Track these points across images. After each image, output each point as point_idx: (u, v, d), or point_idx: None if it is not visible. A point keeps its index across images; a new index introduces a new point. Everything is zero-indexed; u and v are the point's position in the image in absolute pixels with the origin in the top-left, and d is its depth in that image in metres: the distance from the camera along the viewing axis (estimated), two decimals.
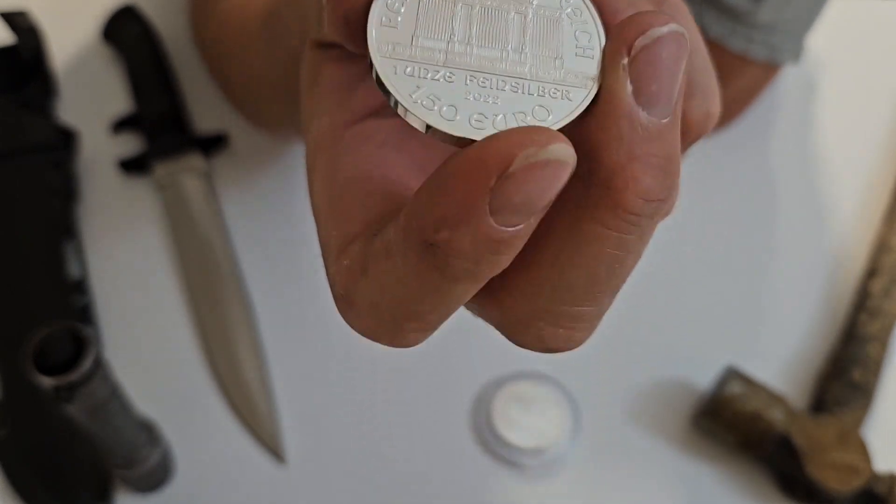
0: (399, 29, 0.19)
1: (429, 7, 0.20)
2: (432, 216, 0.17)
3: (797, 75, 0.55)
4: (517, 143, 0.16)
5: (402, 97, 0.19)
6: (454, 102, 0.19)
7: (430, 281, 0.18)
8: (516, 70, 0.19)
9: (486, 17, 0.20)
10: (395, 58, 0.19)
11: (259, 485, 0.43)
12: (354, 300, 0.20)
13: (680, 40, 0.18)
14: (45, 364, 0.33)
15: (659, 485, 0.44)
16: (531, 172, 0.16)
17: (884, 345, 0.46)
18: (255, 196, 0.50)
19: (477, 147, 0.17)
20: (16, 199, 0.47)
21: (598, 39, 0.19)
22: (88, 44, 0.54)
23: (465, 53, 0.19)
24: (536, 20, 0.20)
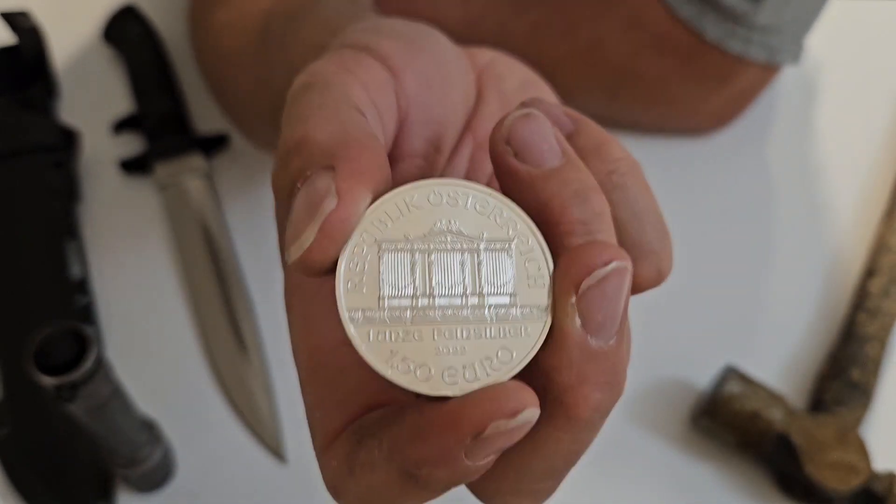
0: (365, 292, 0.21)
1: (389, 263, 0.21)
2: (413, 456, 0.20)
3: (796, 76, 0.55)
4: (488, 412, 0.19)
5: (379, 367, 0.20)
6: (426, 361, 0.20)
7: (412, 493, 0.21)
8: (477, 316, 0.21)
9: (442, 263, 0.21)
10: (366, 323, 0.21)
11: (260, 484, 0.43)
12: (344, 494, 0.22)
13: (622, 273, 0.20)
14: (46, 364, 0.33)
15: (658, 484, 0.44)
16: (501, 435, 0.19)
17: (883, 344, 0.46)
18: (255, 196, 0.50)
19: (452, 409, 0.19)
20: (17, 199, 0.47)
21: (546, 266, 0.21)
22: (89, 44, 0.54)
23: (429, 307, 0.21)
24: (487, 257, 0.21)
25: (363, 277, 0.21)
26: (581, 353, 0.20)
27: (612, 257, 0.20)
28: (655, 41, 0.47)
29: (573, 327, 0.20)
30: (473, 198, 0.22)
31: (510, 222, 0.22)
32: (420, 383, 0.20)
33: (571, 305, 0.20)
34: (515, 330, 0.21)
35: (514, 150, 0.22)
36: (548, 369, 0.20)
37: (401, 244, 0.21)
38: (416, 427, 0.20)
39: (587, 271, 0.20)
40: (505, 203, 0.22)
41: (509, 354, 0.20)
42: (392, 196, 0.21)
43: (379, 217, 0.21)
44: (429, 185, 0.22)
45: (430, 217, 0.22)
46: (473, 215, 0.22)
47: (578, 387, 0.20)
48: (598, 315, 0.20)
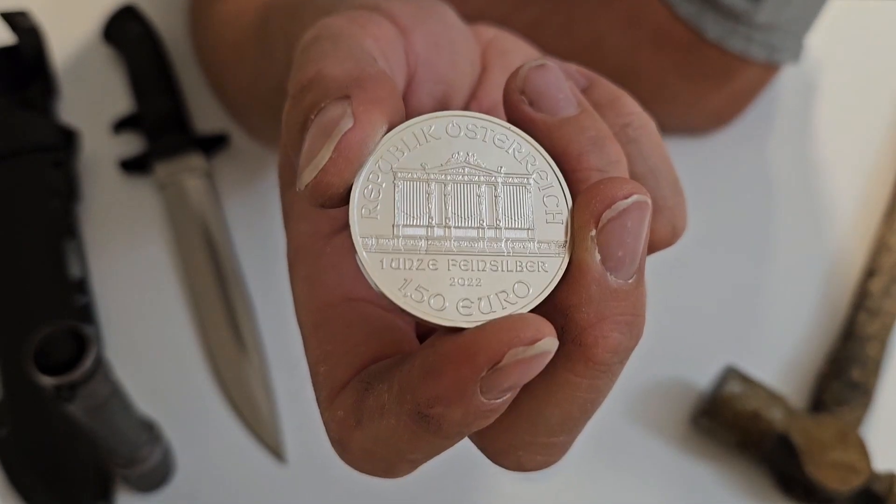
0: (379, 219, 0.20)
1: (404, 192, 0.21)
2: (426, 394, 0.19)
3: (796, 76, 0.55)
4: (506, 341, 0.18)
5: (391, 293, 0.20)
6: (440, 291, 0.20)
7: (423, 438, 0.20)
8: (494, 248, 0.20)
9: (458, 194, 0.21)
10: (380, 251, 0.20)
11: (259, 484, 0.43)
12: (349, 447, 0.21)
13: (643, 207, 0.20)
14: (46, 363, 0.33)
15: (658, 484, 0.44)
16: (519, 366, 0.18)
17: (883, 344, 0.46)
18: (255, 196, 0.50)
19: (468, 339, 0.18)
20: (17, 198, 0.47)
21: (565, 202, 0.21)
22: (89, 44, 0.54)
23: (444, 238, 0.20)
24: (506, 190, 0.21)
25: (378, 205, 0.20)
26: (600, 290, 0.19)
27: (632, 190, 0.19)
28: (654, 39, 0.47)
29: (593, 262, 0.19)
30: (493, 131, 0.21)
31: (529, 157, 0.21)
32: (434, 313, 0.20)
33: (591, 239, 0.19)
34: (533, 264, 0.20)
35: (528, 99, 0.22)
36: (566, 307, 0.20)
37: (417, 173, 0.21)
38: (428, 362, 0.19)
39: (608, 203, 0.19)
40: (524, 138, 0.21)
41: (526, 289, 0.20)
42: (409, 125, 0.21)
43: (396, 145, 0.21)
44: (447, 117, 0.22)
45: (448, 148, 0.21)
46: (492, 149, 0.21)
47: (598, 324, 0.19)
48: (619, 250, 0.19)
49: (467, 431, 0.20)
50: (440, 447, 0.20)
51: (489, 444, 0.22)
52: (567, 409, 0.21)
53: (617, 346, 0.20)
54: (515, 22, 0.49)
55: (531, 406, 0.20)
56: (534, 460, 0.22)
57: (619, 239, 0.19)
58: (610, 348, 0.20)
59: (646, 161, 0.23)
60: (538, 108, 0.22)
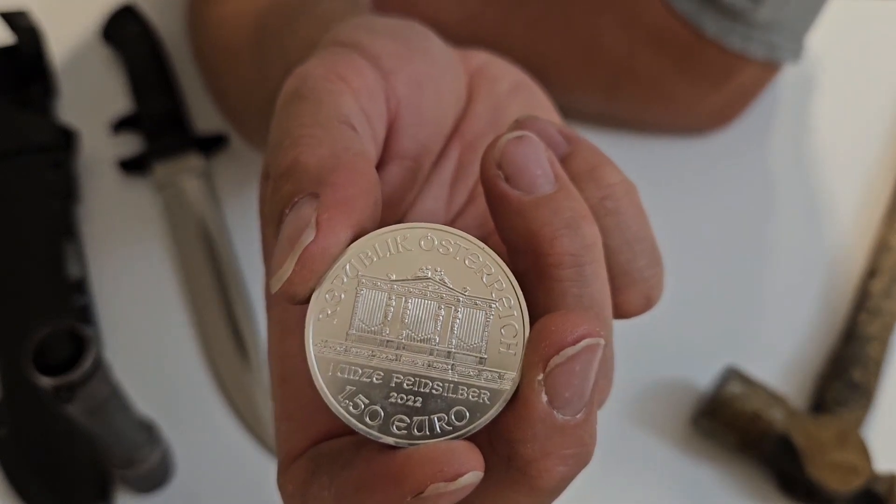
0: (335, 323, 0.21)
1: (364, 300, 0.21)
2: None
3: (796, 75, 0.55)
4: (429, 474, 0.19)
5: (330, 399, 0.20)
6: (379, 405, 0.20)
7: None
8: (441, 373, 0.21)
9: (418, 312, 0.21)
10: (328, 356, 0.21)
11: (259, 485, 0.43)
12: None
13: (593, 350, 0.20)
14: (45, 364, 0.33)
15: (659, 485, 0.44)
16: (441, 498, 0.19)
17: (884, 345, 0.46)
18: (254, 196, 0.49)
19: (396, 463, 0.19)
20: (16, 198, 0.47)
21: (522, 334, 0.21)
22: (88, 44, 0.54)
23: (395, 354, 0.21)
24: (465, 313, 0.21)
25: (337, 308, 0.21)
26: (546, 428, 0.19)
27: (583, 334, 0.19)
28: (653, 38, 0.47)
29: (539, 402, 0.19)
30: (466, 250, 0.21)
31: (497, 282, 0.21)
32: (366, 425, 0.20)
33: (538, 382, 0.19)
34: (476, 394, 0.20)
35: (505, 174, 0.21)
36: (511, 440, 0.20)
37: (381, 282, 0.21)
38: (361, 477, 0.20)
39: (556, 349, 0.19)
40: (495, 261, 0.21)
41: (465, 416, 0.20)
42: (384, 233, 0.21)
43: (367, 251, 0.21)
44: (424, 229, 0.22)
45: (417, 261, 0.21)
46: (462, 268, 0.21)
47: (542, 460, 0.20)
48: (566, 391, 0.19)
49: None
50: None
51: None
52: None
53: (562, 476, 0.20)
54: (513, 23, 0.49)
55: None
56: None
57: (567, 382, 0.19)
58: (555, 479, 0.20)
59: (623, 233, 0.23)
60: (514, 185, 0.21)
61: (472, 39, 0.30)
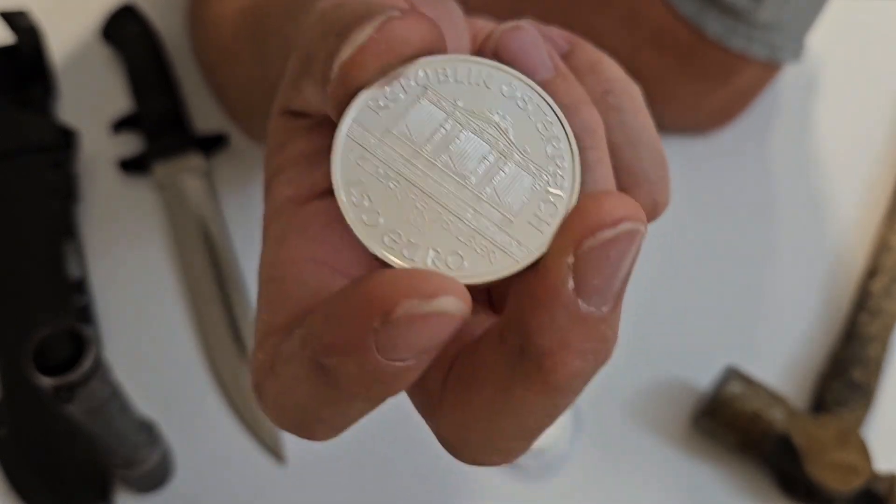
0: (380, 116, 0.19)
1: (420, 111, 0.19)
2: (322, 341, 0.17)
3: (797, 75, 0.55)
4: (402, 290, 0.16)
5: (338, 183, 0.19)
6: (382, 211, 0.18)
7: (325, 394, 0.18)
8: (459, 210, 0.19)
9: (466, 145, 0.19)
10: (357, 142, 0.19)
11: (259, 485, 0.43)
12: (264, 396, 0.20)
13: (632, 237, 0.17)
14: (45, 364, 0.33)
15: (659, 485, 0.44)
16: (412, 322, 0.16)
17: (884, 344, 0.46)
18: (254, 195, 0.50)
19: (365, 284, 0.17)
20: (16, 198, 0.47)
21: (560, 216, 0.19)
22: (88, 43, 0.54)
23: (422, 171, 0.19)
24: (513, 170, 0.19)
25: (390, 105, 0.19)
26: (568, 317, 0.17)
27: (624, 216, 0.17)
28: (655, 38, 0.47)
29: (564, 289, 0.17)
30: (544, 114, 0.20)
31: (559, 158, 0.19)
32: (359, 222, 0.18)
33: (567, 265, 0.17)
34: (483, 249, 0.18)
35: (502, 61, 0.20)
36: (527, 327, 0.18)
37: (445, 103, 0.19)
38: (328, 307, 0.18)
39: (591, 230, 0.17)
40: (568, 139, 0.20)
41: (460, 262, 0.18)
42: (469, 60, 0.20)
43: (445, 69, 0.20)
44: (511, 76, 0.20)
45: (491, 102, 0.20)
46: (531, 129, 0.20)
47: (559, 352, 0.18)
48: (595, 279, 0.17)
49: (373, 394, 0.18)
50: (348, 408, 0.19)
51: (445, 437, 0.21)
52: (524, 422, 0.19)
53: (579, 371, 0.18)
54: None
55: (486, 412, 0.19)
56: (490, 459, 0.21)
57: (598, 268, 0.17)
58: (571, 374, 0.18)
59: (627, 130, 0.22)
60: None
61: None
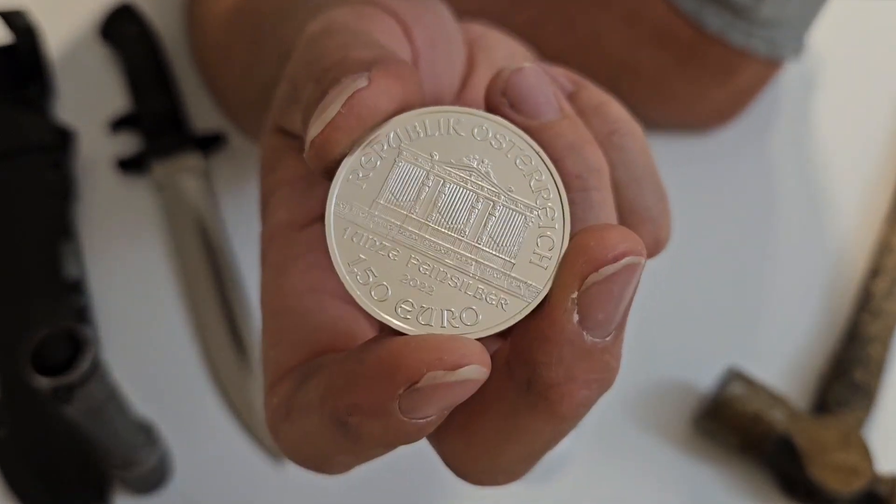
0: (363, 189, 0.19)
1: (400, 173, 0.19)
2: (345, 401, 0.18)
3: (798, 73, 0.55)
4: (426, 361, 0.17)
5: (339, 264, 0.19)
6: (388, 283, 0.19)
7: (344, 445, 0.19)
8: (462, 265, 0.19)
9: (453, 198, 0.19)
10: (348, 219, 0.19)
11: (258, 486, 0.43)
12: (280, 437, 0.21)
13: (633, 269, 0.18)
14: (43, 365, 0.32)
15: (660, 486, 0.44)
16: (438, 390, 0.17)
17: (885, 345, 0.46)
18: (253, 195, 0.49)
19: (390, 351, 0.17)
20: (13, 198, 0.47)
21: (558, 250, 0.19)
22: (86, 43, 0.54)
23: (417, 234, 0.19)
24: (503, 213, 0.19)
25: (369, 174, 0.19)
26: (573, 351, 0.18)
27: (625, 251, 0.18)
28: (655, 35, 0.47)
29: (569, 322, 0.18)
30: (521, 150, 0.20)
31: (545, 191, 0.20)
32: (369, 298, 0.18)
33: (572, 301, 0.18)
34: (494, 298, 0.19)
35: (510, 101, 0.21)
36: (534, 362, 0.18)
37: (422, 159, 0.19)
38: (351, 369, 0.18)
39: (595, 265, 0.18)
40: (548, 169, 0.20)
41: (475, 318, 0.19)
42: (438, 111, 0.20)
43: (415, 126, 0.20)
44: (481, 118, 0.20)
45: (466, 148, 0.20)
46: (511, 168, 0.20)
47: (566, 384, 0.18)
48: (599, 314, 0.18)
49: (392, 446, 0.19)
50: (366, 455, 0.20)
51: (449, 461, 0.21)
52: (529, 448, 0.20)
53: (584, 401, 0.19)
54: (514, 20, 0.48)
55: (492, 440, 0.20)
56: (494, 481, 0.21)
57: (602, 303, 0.18)
58: (576, 404, 0.19)
59: (630, 169, 0.23)
60: (518, 111, 0.21)
61: None
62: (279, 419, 0.20)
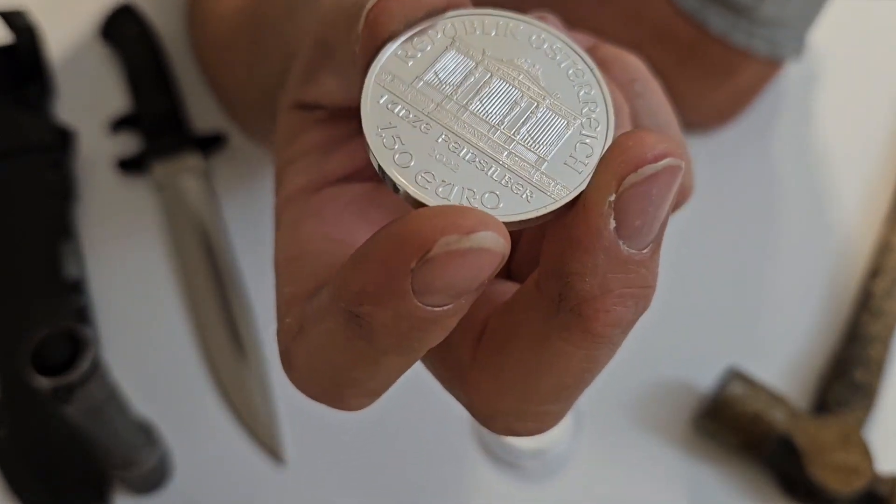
0: (409, 66, 0.19)
1: (449, 60, 0.19)
2: (355, 288, 0.17)
3: (800, 72, 0.55)
4: (439, 227, 0.16)
5: (369, 128, 0.18)
6: (414, 152, 0.18)
7: (358, 349, 0.18)
8: (492, 150, 0.19)
9: (496, 91, 0.19)
10: (387, 88, 0.19)
11: (258, 486, 0.43)
12: (293, 361, 0.20)
13: (673, 172, 0.17)
14: (43, 365, 0.32)
15: (660, 486, 0.44)
16: (452, 260, 0.16)
17: (886, 345, 0.46)
18: (253, 196, 0.49)
19: (400, 224, 0.16)
20: (13, 198, 0.47)
21: (596, 157, 0.19)
22: (87, 43, 0.53)
23: (454, 114, 0.19)
24: (545, 114, 0.19)
25: (417, 55, 0.19)
26: (609, 260, 0.17)
27: (665, 151, 0.17)
28: (657, 34, 0.47)
29: (606, 229, 0.17)
30: (574, 63, 0.20)
31: (592, 104, 0.19)
32: (391, 163, 0.18)
33: (609, 203, 0.17)
34: (519, 188, 0.18)
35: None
36: (566, 273, 0.17)
37: (472, 52, 0.19)
38: (362, 252, 0.17)
39: (634, 165, 0.17)
40: (601, 86, 0.20)
41: (496, 201, 0.18)
42: (499, 14, 0.20)
43: (472, 23, 0.20)
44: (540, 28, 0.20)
45: (520, 51, 0.20)
46: (562, 77, 0.20)
47: (600, 298, 0.17)
48: (637, 219, 0.17)
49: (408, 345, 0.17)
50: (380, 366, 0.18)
51: (478, 407, 0.20)
52: (561, 379, 0.19)
53: (620, 320, 0.18)
54: None
55: (522, 372, 0.19)
56: (525, 427, 0.20)
57: (641, 207, 0.17)
58: (612, 322, 0.18)
59: (653, 116, 0.22)
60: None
61: None
62: (291, 338, 0.20)
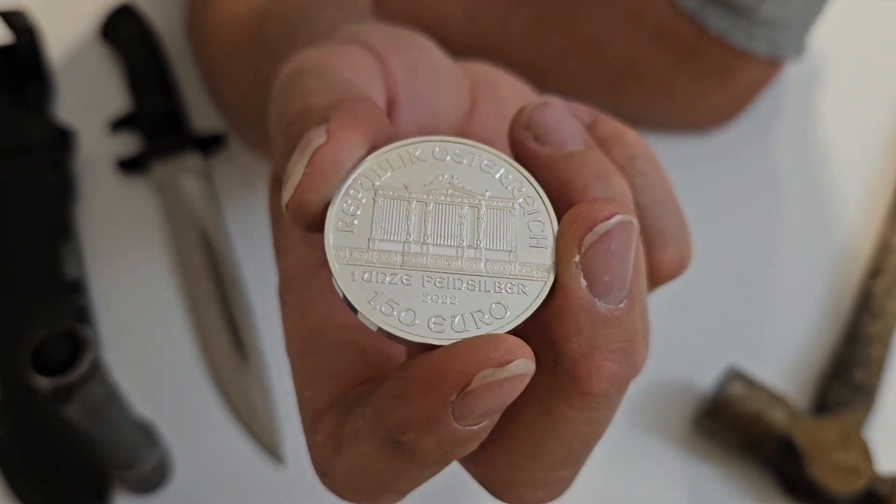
0: (355, 233, 0.20)
1: (383, 209, 0.20)
2: (396, 419, 0.18)
3: (800, 73, 0.55)
4: (475, 362, 0.17)
5: (360, 305, 0.19)
6: (412, 306, 0.19)
7: (399, 467, 0.19)
8: (472, 267, 0.20)
9: (440, 214, 0.20)
10: (352, 264, 0.20)
11: (258, 486, 0.43)
12: (330, 474, 0.21)
13: (627, 228, 0.19)
14: (43, 365, 0.32)
15: (660, 486, 0.44)
16: (490, 390, 0.17)
17: (886, 345, 0.46)
18: (253, 196, 0.49)
19: (435, 360, 0.18)
20: (13, 198, 0.47)
21: (550, 228, 0.20)
22: (87, 43, 0.53)
23: (420, 254, 0.20)
24: (489, 213, 0.20)
25: (355, 220, 0.20)
26: (589, 318, 0.19)
27: (614, 210, 0.19)
28: (657, 35, 0.47)
29: (579, 288, 0.19)
30: (479, 157, 0.21)
31: (516, 183, 0.21)
32: (402, 328, 0.19)
33: (575, 265, 0.19)
34: (513, 286, 0.19)
35: (534, 134, 0.22)
36: (556, 339, 0.19)
37: (399, 192, 0.20)
38: (398, 385, 0.18)
39: (589, 226, 0.19)
40: (512, 165, 0.21)
41: (504, 310, 0.19)
42: (394, 147, 0.21)
43: (380, 165, 0.21)
44: (434, 141, 0.21)
45: (433, 170, 0.21)
46: (478, 174, 0.21)
47: (590, 355, 0.19)
48: (605, 275, 0.19)
49: (447, 460, 0.19)
50: (421, 476, 0.20)
51: (488, 479, 0.21)
52: (568, 444, 0.20)
53: (613, 376, 0.19)
54: (515, 20, 0.48)
55: (529, 441, 0.20)
56: (535, 495, 0.22)
57: (605, 263, 0.19)
58: (605, 379, 0.19)
59: (652, 193, 0.23)
60: (543, 143, 0.22)
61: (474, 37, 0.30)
62: (327, 455, 0.21)
